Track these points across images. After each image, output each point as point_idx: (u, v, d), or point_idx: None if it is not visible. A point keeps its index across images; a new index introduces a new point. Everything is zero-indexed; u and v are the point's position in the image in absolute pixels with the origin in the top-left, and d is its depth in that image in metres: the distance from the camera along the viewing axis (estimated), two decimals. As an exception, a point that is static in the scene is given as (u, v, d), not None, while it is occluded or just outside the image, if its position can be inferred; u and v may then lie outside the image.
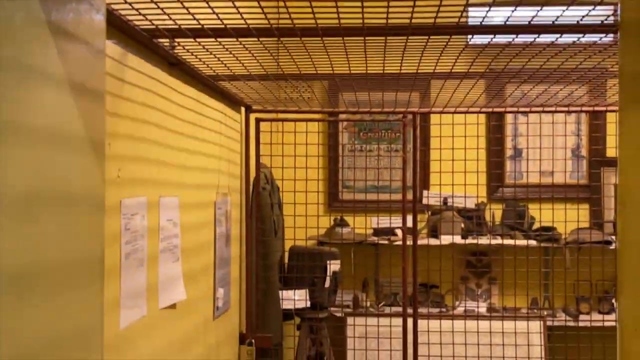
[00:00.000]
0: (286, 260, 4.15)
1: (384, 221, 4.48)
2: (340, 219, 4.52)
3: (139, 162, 2.10)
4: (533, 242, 4.46)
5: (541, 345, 4.34)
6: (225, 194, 3.25)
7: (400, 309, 4.50)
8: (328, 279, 4.00)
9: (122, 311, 1.94)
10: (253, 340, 3.52)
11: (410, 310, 3.73)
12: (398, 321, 3.79)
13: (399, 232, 4.59)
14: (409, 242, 3.63)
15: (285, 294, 3.86)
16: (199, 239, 2.81)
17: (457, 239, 4.48)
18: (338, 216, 4.55)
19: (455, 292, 4.71)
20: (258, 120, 3.66)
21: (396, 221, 4.59)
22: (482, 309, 4.61)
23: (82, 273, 1.08)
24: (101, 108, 1.14)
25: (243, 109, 3.62)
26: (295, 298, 3.90)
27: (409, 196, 3.80)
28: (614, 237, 4.41)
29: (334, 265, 4.06)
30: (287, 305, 3.82)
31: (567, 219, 4.18)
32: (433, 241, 4.48)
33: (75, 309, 1.07)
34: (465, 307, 4.56)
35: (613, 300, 4.56)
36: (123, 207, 1.95)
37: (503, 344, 3.97)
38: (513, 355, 4.05)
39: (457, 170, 3.78)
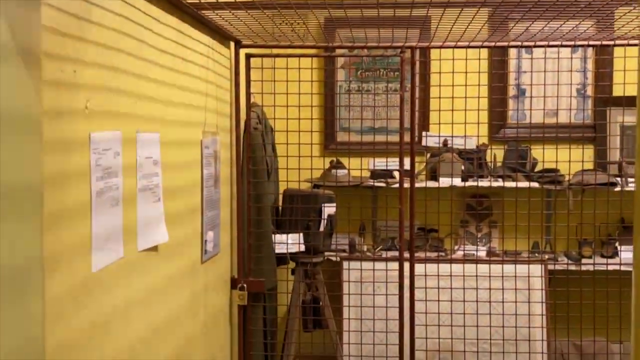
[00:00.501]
0: (280, 203, 4.03)
1: (381, 163, 4.33)
2: (336, 161, 4.37)
3: (111, 94, 1.94)
4: (535, 184, 4.32)
5: (542, 289, 4.24)
6: (214, 134, 3.10)
7: (397, 254, 4.39)
8: (323, 222, 3.88)
9: (94, 253, 1.81)
10: (245, 285, 3.41)
11: (407, 255, 3.61)
12: (395, 265, 3.67)
13: (396, 174, 4.45)
14: (407, 185, 3.49)
15: (279, 237, 3.74)
16: (184, 179, 2.67)
17: (457, 182, 4.34)
18: (334, 158, 4.40)
19: (454, 236, 4.59)
20: (248, 56, 3.48)
21: (394, 163, 4.44)
22: (482, 253, 4.49)
23: (14, 201, 0.94)
24: (37, 12, 0.98)
25: (232, 44, 3.44)
26: (289, 242, 3.78)
27: (407, 138, 3.64)
28: (619, 178, 4.27)
29: (329, 209, 3.93)
30: (281, 249, 3.70)
31: (571, 160, 4.02)
32: (432, 184, 4.35)
33: (7, 239, 0.93)
34: (465, 251, 4.44)
35: (617, 244, 4.45)
36: (93, 142, 1.80)
37: (503, 288, 3.86)
38: (513, 299, 3.95)
39: (457, 109, 3.61)
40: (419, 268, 3.68)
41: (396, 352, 3.68)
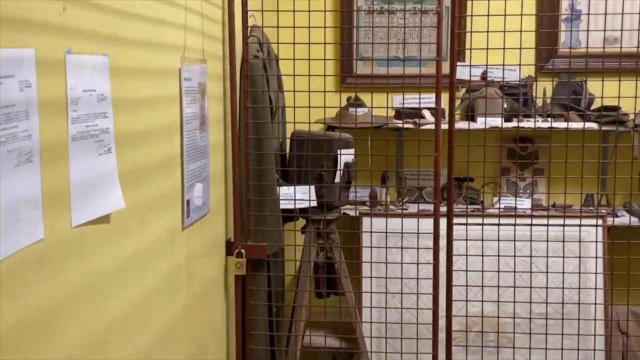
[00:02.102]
0: (287, 150, 3.35)
1: (409, 100, 3.63)
2: (354, 98, 3.67)
3: (13, -10, 1.25)
4: (592, 125, 3.61)
5: (596, 259, 3.56)
6: (200, 61, 2.41)
7: (427, 207, 3.72)
8: (339, 172, 3.20)
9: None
10: (243, 251, 2.76)
11: (442, 209, 2.91)
12: (427, 223, 2.97)
13: (427, 113, 3.74)
14: (444, 126, 2.79)
15: (286, 191, 3.07)
16: (153, 121, 1.99)
17: (498, 122, 3.63)
18: (352, 94, 3.69)
19: (494, 187, 3.91)
20: (245, -36, 2.76)
21: (424, 100, 3.73)
22: (526, 206, 3.81)
23: None
24: None
25: (224, -52, 2.72)
26: (298, 197, 3.12)
27: (443, 69, 2.90)
28: (697, 118, 3.54)
29: (346, 156, 3.25)
30: (287, 205, 3.04)
31: (636, 95, 3.25)
32: (466, 125, 3.64)
33: None
34: (499, 204, 3.76)
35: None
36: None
37: (547, 249, 3.19)
38: (566, 259, 3.29)
39: (497, 30, 2.83)
40: (457, 227, 2.97)
41: (427, 319, 3.04)
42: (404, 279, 3.04)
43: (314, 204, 3.16)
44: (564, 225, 2.95)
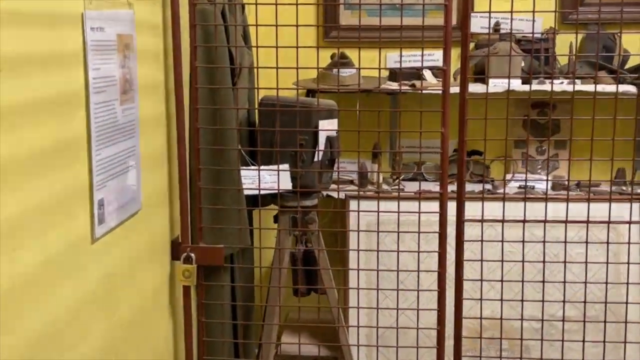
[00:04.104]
0: (256, 120, 2.71)
1: (408, 58, 2.98)
2: (340, 56, 3.01)
3: None
4: (629, 88, 2.97)
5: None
6: (122, 5, 1.75)
7: (428, 186, 3.10)
8: (319, 147, 2.57)
9: None
10: (193, 255, 2.14)
11: (451, 189, 2.25)
12: (427, 208, 2.31)
13: (428, 74, 3.09)
14: (454, 90, 2.14)
15: (252, 172, 2.44)
16: (39, 89, 1.34)
17: (514, 84, 2.99)
18: (336, 51, 3.03)
19: (507, 162, 3.29)
20: None
21: (427, 59, 3.08)
22: (545, 184, 3.19)
23: None
24: None
25: None
26: (268, 179, 2.49)
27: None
28: None
29: (328, 126, 2.62)
30: (255, 189, 2.40)
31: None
32: (477, 87, 3.01)
33: None
34: (510, 180, 3.14)
35: None
36: None
37: (565, 242, 2.58)
38: (595, 254, 2.69)
39: None
40: (469, 211, 2.30)
41: (429, 323, 2.43)
42: (401, 271, 2.40)
43: (289, 186, 2.54)
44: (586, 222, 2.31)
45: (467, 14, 2.12)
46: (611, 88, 2.95)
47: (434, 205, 2.20)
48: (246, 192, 2.42)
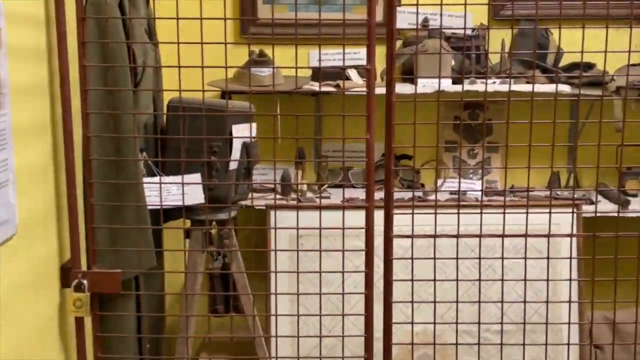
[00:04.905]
0: (164, 125, 2.45)
1: (331, 56, 2.77)
2: (258, 54, 2.77)
3: None
4: (563, 88, 2.83)
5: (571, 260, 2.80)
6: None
7: (355, 193, 2.90)
8: (235, 154, 2.33)
9: None
10: (85, 282, 1.86)
11: (379, 196, 2.03)
12: (356, 217, 2.08)
13: (353, 74, 2.88)
14: (379, 91, 1.93)
15: (153, 184, 2.17)
16: None
17: (446, 85, 2.81)
18: (256, 49, 2.79)
19: (437, 165, 3.10)
20: None
21: (353, 56, 2.87)
22: (477, 188, 3.02)
23: None
24: None
25: None
26: (177, 191, 2.23)
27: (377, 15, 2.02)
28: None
29: (244, 131, 2.38)
30: (155, 204, 2.14)
31: (608, 48, 2.39)
32: (405, 88, 2.82)
33: None
34: (441, 185, 2.96)
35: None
36: None
37: (502, 258, 2.41)
38: (534, 265, 2.52)
39: None
40: (399, 220, 2.07)
41: (357, 348, 2.21)
42: (324, 294, 2.17)
43: (201, 199, 2.29)
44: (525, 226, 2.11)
45: (393, 8, 1.90)
46: (545, 88, 2.80)
47: (362, 215, 1.97)
48: (152, 207, 2.16)
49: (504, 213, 1.98)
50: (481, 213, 1.99)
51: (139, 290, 2.19)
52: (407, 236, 1.88)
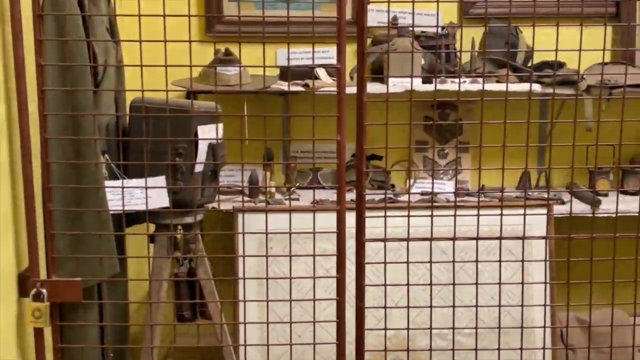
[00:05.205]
0: (127, 126, 2.36)
1: (299, 55, 2.71)
2: (224, 52, 2.70)
3: None
4: (536, 87, 2.80)
5: (545, 258, 2.79)
6: None
7: (325, 194, 2.84)
8: (201, 156, 2.26)
9: None
10: (44, 291, 1.78)
11: (349, 197, 1.97)
12: (327, 219, 2.02)
13: (322, 73, 2.82)
14: (349, 90, 1.87)
15: (114, 187, 2.09)
16: None
17: (416, 84, 2.77)
18: (222, 48, 2.72)
19: (408, 166, 3.06)
20: None
21: (323, 55, 2.81)
22: (448, 189, 2.99)
23: None
24: None
25: None
26: (140, 195, 2.15)
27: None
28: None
29: (210, 132, 2.31)
30: (116, 208, 2.06)
31: (583, 47, 2.36)
32: (375, 87, 2.76)
33: None
34: (412, 186, 2.92)
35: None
36: None
37: (477, 261, 2.38)
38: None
39: None
40: (369, 222, 2.00)
41: (329, 353, 2.15)
42: (294, 301, 2.12)
43: (166, 202, 2.21)
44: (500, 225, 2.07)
45: (364, 6, 1.85)
46: (516, 87, 2.77)
47: (332, 217, 1.91)
48: (114, 212, 2.08)
49: (477, 215, 1.94)
50: (455, 215, 1.95)
51: (101, 298, 2.11)
52: (380, 240, 1.83)
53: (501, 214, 1.93)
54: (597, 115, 2.14)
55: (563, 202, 2.85)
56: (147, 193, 2.02)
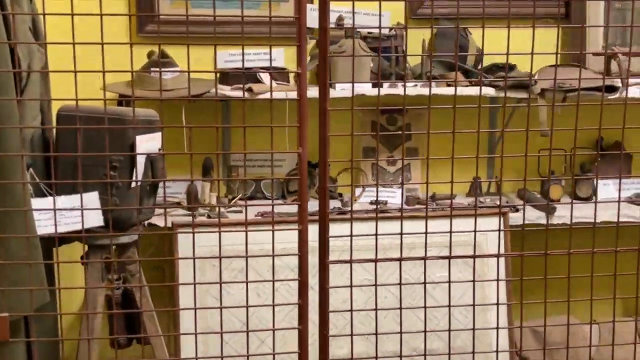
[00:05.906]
0: (54, 137, 2.13)
1: (238, 57, 2.52)
2: (159, 54, 2.49)
3: None
4: (487, 90, 2.69)
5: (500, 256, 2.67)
6: None
7: (268, 207, 2.66)
8: (137, 170, 2.05)
9: None
10: (-39, 330, 1.55)
11: (312, 209, 1.77)
12: (280, 234, 1.81)
13: (265, 77, 2.64)
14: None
15: (49, 206, 1.86)
16: None
17: (366, 88, 2.61)
18: (156, 48, 2.51)
19: (355, 173, 2.91)
20: None
21: (261, 57, 2.63)
22: (398, 198, 2.85)
23: None
24: None
25: None
26: (71, 212, 1.93)
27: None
28: (619, 79, 2.71)
29: (149, 142, 2.10)
30: (49, 228, 1.85)
31: (527, 49, 2.23)
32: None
33: None
34: (359, 195, 2.78)
35: (595, 181, 2.96)
36: None
37: (425, 283, 2.23)
38: (460, 279, 2.36)
39: None
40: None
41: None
42: (253, 331, 1.92)
43: (100, 221, 2.00)
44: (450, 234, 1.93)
45: (327, 4, 1.67)
46: (468, 91, 2.65)
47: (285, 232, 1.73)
48: (42, 232, 1.86)
49: (425, 233, 1.78)
50: (426, 226, 1.78)
51: (28, 329, 1.88)
52: (346, 261, 1.66)
53: (450, 231, 1.77)
54: (552, 120, 2.02)
55: (517, 210, 2.75)
56: (82, 212, 1.81)
